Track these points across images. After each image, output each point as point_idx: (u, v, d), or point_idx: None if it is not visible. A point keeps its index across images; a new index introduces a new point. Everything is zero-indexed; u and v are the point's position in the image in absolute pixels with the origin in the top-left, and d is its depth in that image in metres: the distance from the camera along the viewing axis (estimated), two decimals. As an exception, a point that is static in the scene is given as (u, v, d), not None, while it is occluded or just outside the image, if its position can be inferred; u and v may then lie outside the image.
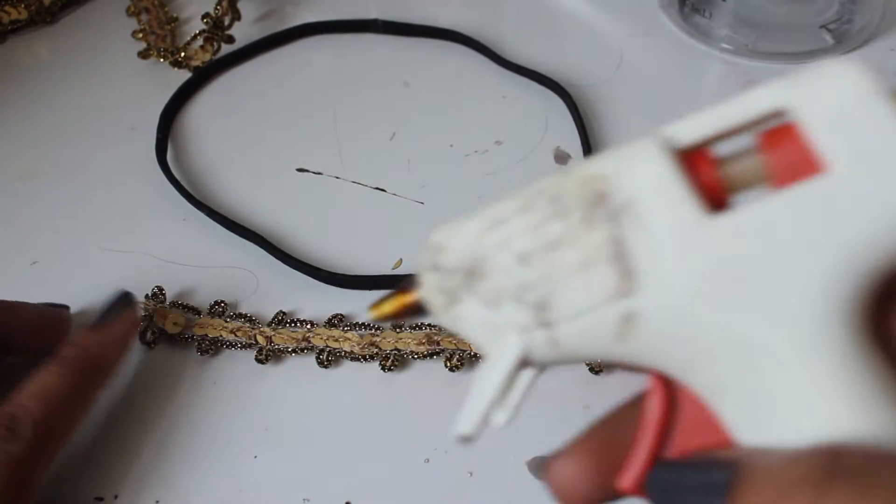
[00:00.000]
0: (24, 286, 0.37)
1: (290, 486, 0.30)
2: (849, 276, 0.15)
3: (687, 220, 0.16)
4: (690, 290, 0.15)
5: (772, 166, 0.16)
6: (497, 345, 0.18)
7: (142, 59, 0.48)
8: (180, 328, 0.34)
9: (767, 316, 0.15)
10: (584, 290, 0.16)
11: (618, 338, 0.16)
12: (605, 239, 0.16)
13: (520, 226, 0.17)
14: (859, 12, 0.47)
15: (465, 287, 0.18)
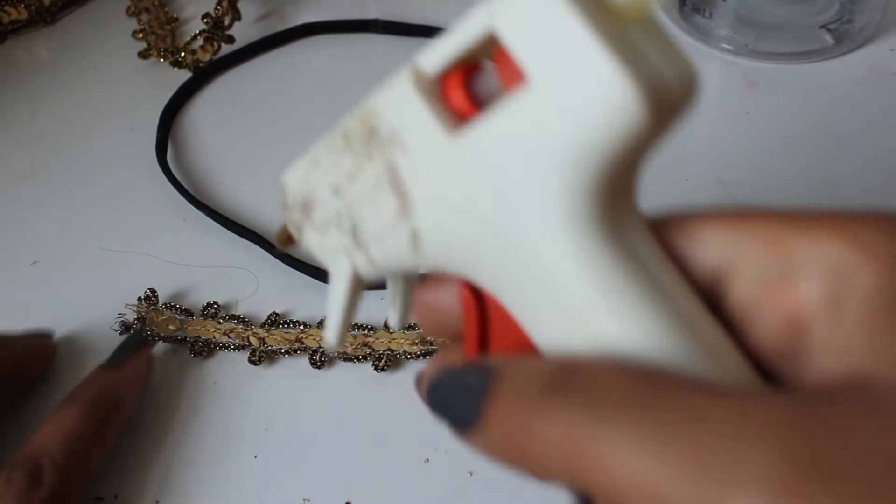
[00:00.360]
0: (24, 286, 0.38)
1: (291, 487, 0.30)
2: (572, 183, 0.15)
3: (435, 141, 0.17)
4: (448, 205, 0.17)
5: (502, 81, 0.16)
6: (335, 266, 0.20)
7: (142, 59, 0.48)
8: (174, 330, 0.34)
9: (518, 226, 0.16)
10: (377, 215, 0.18)
11: (413, 252, 0.18)
12: (382, 168, 0.18)
13: (327, 162, 0.20)
14: (859, 12, 0.47)
15: (304, 219, 0.21)
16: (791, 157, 0.41)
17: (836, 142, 0.42)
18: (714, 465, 0.13)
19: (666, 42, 0.16)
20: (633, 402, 0.14)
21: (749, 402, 0.13)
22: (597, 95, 0.14)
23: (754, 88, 0.45)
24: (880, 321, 0.14)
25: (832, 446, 0.12)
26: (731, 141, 0.42)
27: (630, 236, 0.16)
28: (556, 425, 0.14)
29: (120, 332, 0.35)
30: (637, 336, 0.15)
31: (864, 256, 0.15)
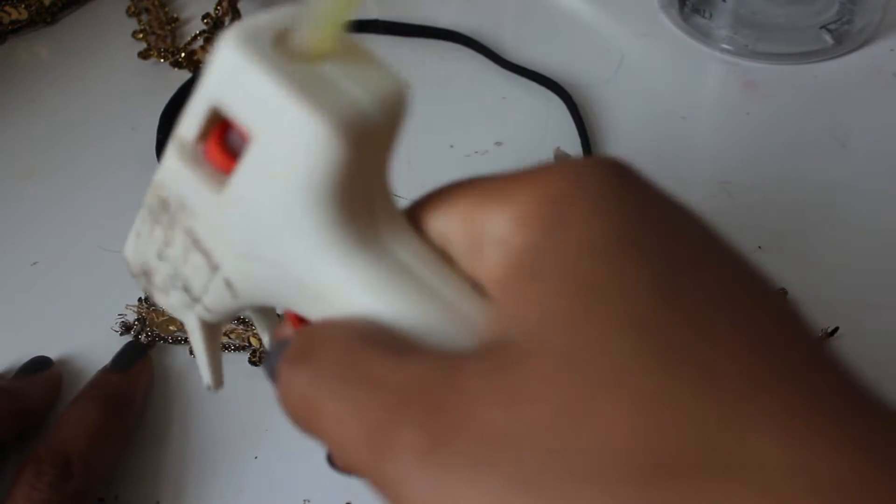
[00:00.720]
0: (24, 287, 0.38)
1: (291, 487, 0.30)
2: (314, 214, 0.17)
3: (208, 200, 0.19)
4: (236, 253, 0.19)
5: (241, 136, 0.18)
6: (185, 319, 0.23)
7: (142, 59, 0.48)
8: (175, 330, 0.34)
9: (287, 259, 0.18)
10: (196, 273, 0.21)
11: (234, 298, 0.20)
12: (183, 233, 0.20)
13: (146, 234, 0.22)
14: (859, 13, 0.47)
15: (149, 285, 0.23)
16: (791, 158, 0.41)
17: (836, 142, 0.42)
18: (376, 426, 0.15)
19: (369, 62, 0.18)
20: (342, 364, 0.16)
21: (408, 366, 0.15)
22: (296, 139, 0.16)
23: (754, 89, 0.45)
24: (513, 286, 0.16)
25: (442, 413, 0.14)
26: (730, 141, 0.42)
27: (383, 233, 0.18)
28: (296, 388, 0.17)
29: (120, 332, 0.35)
30: (385, 312, 0.17)
31: (517, 225, 0.16)
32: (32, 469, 0.27)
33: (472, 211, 0.18)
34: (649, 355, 0.13)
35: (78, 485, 0.27)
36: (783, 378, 0.13)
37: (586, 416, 0.13)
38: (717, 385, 0.13)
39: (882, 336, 0.34)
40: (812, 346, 0.14)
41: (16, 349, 0.34)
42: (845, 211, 0.38)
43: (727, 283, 0.15)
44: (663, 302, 0.14)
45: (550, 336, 0.14)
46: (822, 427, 0.13)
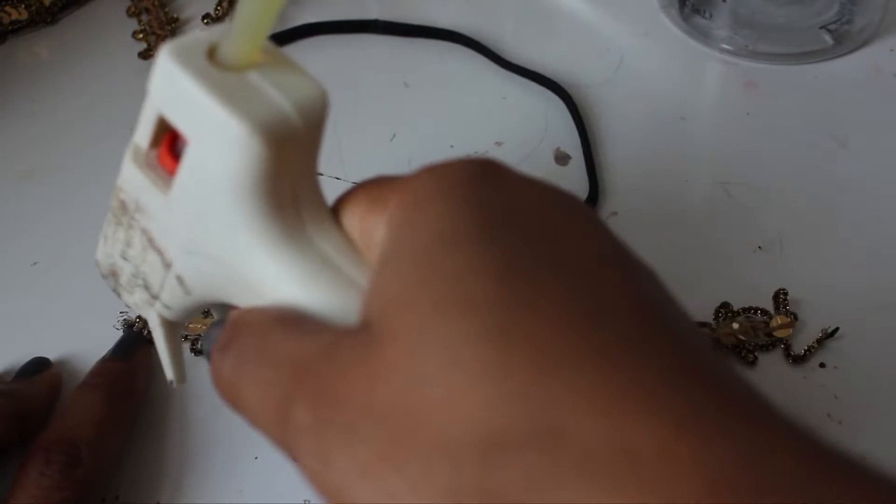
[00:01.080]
0: (24, 287, 0.38)
1: (291, 487, 0.30)
2: (244, 209, 0.19)
3: (159, 201, 0.21)
4: (184, 249, 0.21)
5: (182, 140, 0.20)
6: (147, 316, 0.24)
7: (142, 59, 0.48)
8: (179, 328, 0.34)
9: (224, 252, 0.20)
10: (152, 270, 0.22)
11: (186, 294, 0.22)
12: (140, 232, 0.22)
13: (111, 235, 0.24)
14: (859, 13, 0.47)
15: (116, 285, 0.24)
16: (791, 158, 0.41)
17: (836, 142, 0.42)
18: (279, 404, 0.16)
19: (291, 70, 0.20)
20: (257, 348, 0.18)
21: (306, 343, 0.17)
22: (222, 141, 0.18)
23: (754, 89, 0.45)
24: (374, 275, 0.17)
25: (322, 390, 0.16)
26: (730, 141, 0.42)
27: (308, 227, 0.20)
28: (223, 373, 0.18)
29: (123, 330, 0.35)
30: (306, 299, 0.19)
31: (387, 228, 0.18)
32: (41, 457, 0.27)
33: (362, 215, 0.20)
34: (482, 334, 0.14)
35: (87, 471, 0.28)
36: (609, 354, 0.14)
37: (427, 394, 0.14)
38: (544, 362, 0.14)
39: (882, 336, 0.34)
40: (654, 324, 0.15)
41: (16, 349, 0.34)
42: (845, 211, 0.38)
43: (570, 264, 0.16)
44: (500, 283, 0.15)
45: (396, 318, 0.16)
46: (636, 401, 0.13)
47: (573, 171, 0.41)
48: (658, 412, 0.13)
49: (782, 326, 0.33)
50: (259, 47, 0.19)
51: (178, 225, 0.20)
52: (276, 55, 0.20)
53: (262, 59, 0.19)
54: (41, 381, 0.32)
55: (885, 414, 0.31)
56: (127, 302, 0.25)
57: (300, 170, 0.20)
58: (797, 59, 0.46)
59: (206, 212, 0.19)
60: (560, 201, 0.18)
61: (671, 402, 0.13)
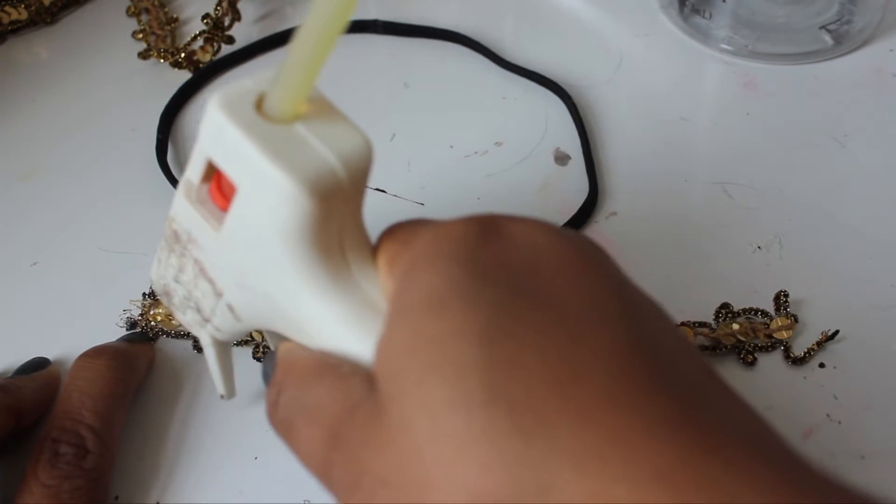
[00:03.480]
0: (24, 287, 0.38)
1: (291, 488, 0.30)
2: (291, 254, 0.19)
3: (210, 235, 0.21)
4: (235, 282, 0.21)
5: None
6: (199, 335, 0.25)
7: (142, 59, 0.48)
8: (178, 325, 0.34)
9: (274, 290, 0.21)
10: (204, 297, 0.23)
11: (236, 321, 0.23)
12: (192, 262, 0.23)
13: (164, 260, 0.24)
14: (859, 13, 0.47)
15: (169, 303, 0.25)
16: (791, 158, 0.41)
17: (836, 142, 0.42)
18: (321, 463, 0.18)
19: (337, 120, 0.20)
20: (299, 400, 0.19)
21: (338, 401, 0.18)
22: (270, 194, 0.19)
23: (754, 89, 0.45)
24: (381, 335, 0.18)
25: (351, 456, 0.17)
26: (730, 142, 0.42)
27: (354, 271, 0.21)
28: (275, 411, 0.20)
29: (126, 328, 0.35)
30: (350, 342, 0.20)
31: (394, 285, 0.19)
32: (50, 449, 0.28)
33: (385, 269, 0.20)
34: (467, 402, 0.15)
35: (96, 459, 0.28)
36: (590, 413, 0.14)
37: (424, 462, 0.15)
38: (528, 425, 0.14)
39: (882, 337, 0.34)
40: (643, 372, 0.15)
41: (16, 349, 0.34)
42: (845, 211, 0.38)
43: (559, 315, 0.16)
44: (482, 347, 0.16)
45: (391, 384, 0.16)
46: (618, 459, 0.14)
47: (573, 171, 0.41)
48: (637, 468, 0.14)
49: (782, 328, 0.33)
50: (305, 99, 0.19)
51: (228, 260, 0.21)
52: (322, 104, 0.20)
53: (309, 109, 0.20)
54: (39, 377, 0.32)
55: (884, 414, 0.31)
56: (180, 320, 0.25)
57: (346, 217, 0.20)
58: (797, 59, 0.46)
59: (256, 253, 0.20)
60: (558, 247, 0.18)
61: (650, 456, 0.14)
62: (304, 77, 0.19)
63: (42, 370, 0.33)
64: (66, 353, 0.34)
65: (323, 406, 0.18)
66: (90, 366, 0.30)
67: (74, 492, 0.27)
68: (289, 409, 0.20)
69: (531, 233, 0.19)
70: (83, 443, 0.28)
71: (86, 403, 0.29)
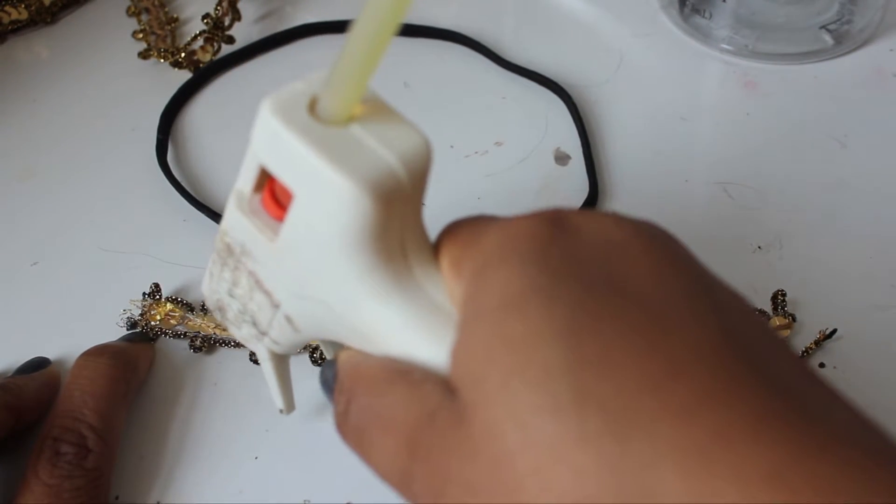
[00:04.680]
0: (24, 287, 0.38)
1: (291, 487, 0.30)
2: (351, 260, 0.19)
3: (265, 246, 0.21)
4: (292, 292, 0.21)
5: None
6: (256, 349, 0.24)
7: (142, 59, 0.48)
8: (175, 325, 0.35)
9: (334, 299, 0.20)
10: (260, 310, 0.22)
11: (295, 332, 0.22)
12: (246, 275, 0.22)
13: (217, 274, 0.24)
14: (859, 13, 0.47)
15: (223, 318, 0.25)
16: (791, 158, 0.41)
17: (836, 142, 0.42)
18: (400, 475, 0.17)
19: (393, 120, 0.20)
20: (370, 408, 0.19)
21: (412, 407, 0.18)
22: (330, 199, 0.18)
23: (754, 89, 0.45)
24: (456, 337, 0.17)
25: (433, 465, 0.17)
26: (730, 142, 0.42)
27: (416, 274, 0.20)
28: (344, 421, 0.19)
29: (127, 328, 0.35)
30: (417, 347, 0.19)
31: (463, 288, 0.18)
32: (50, 448, 0.28)
33: (449, 271, 0.20)
34: (555, 406, 0.14)
35: (97, 458, 0.28)
36: (689, 411, 0.14)
37: (515, 469, 0.14)
38: (622, 426, 0.14)
39: (882, 338, 0.34)
40: (739, 368, 0.15)
41: (16, 349, 0.34)
42: (845, 211, 0.38)
43: (642, 312, 0.16)
44: (567, 348, 0.15)
45: (474, 391, 0.16)
46: (724, 458, 0.13)
47: (573, 171, 0.41)
48: (746, 467, 0.13)
49: (781, 328, 0.33)
50: (360, 99, 0.19)
51: (285, 271, 0.21)
52: (376, 104, 0.20)
53: (364, 110, 0.19)
54: (39, 376, 0.32)
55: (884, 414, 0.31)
56: (235, 335, 0.25)
57: (407, 219, 0.20)
58: (797, 59, 0.46)
59: (315, 262, 0.20)
60: (631, 238, 0.18)
61: (759, 456, 0.13)
62: (358, 77, 0.18)
63: (42, 370, 0.33)
64: (66, 353, 0.34)
65: (398, 414, 0.18)
66: (91, 365, 0.30)
67: (75, 491, 0.27)
68: (361, 419, 0.19)
69: (601, 226, 0.18)
70: (84, 442, 0.28)
71: (87, 402, 0.29)
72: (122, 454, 0.31)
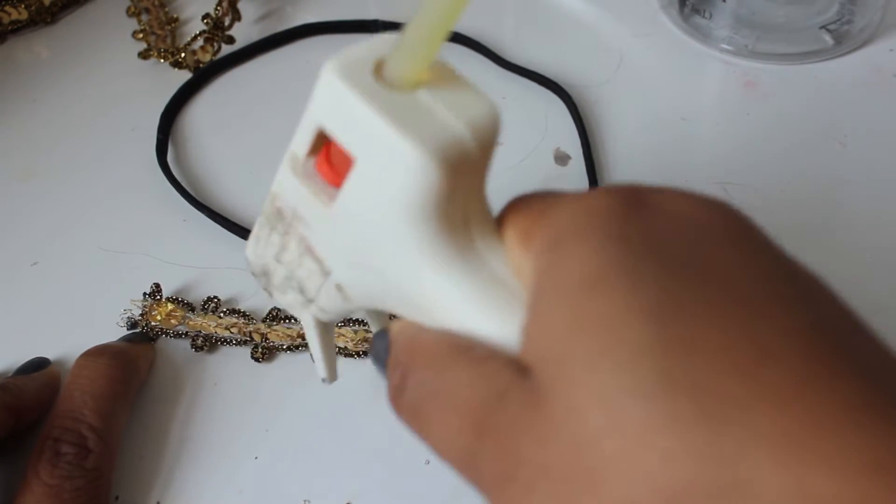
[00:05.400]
0: (24, 287, 0.38)
1: (291, 487, 0.30)
2: (414, 228, 0.18)
3: (319, 211, 0.20)
4: (345, 260, 0.20)
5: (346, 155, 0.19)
6: (301, 316, 0.24)
7: (142, 59, 0.48)
8: (176, 324, 0.35)
9: (391, 268, 0.19)
10: (309, 276, 0.22)
11: (345, 301, 0.21)
12: (297, 240, 0.21)
13: (264, 238, 0.23)
14: (859, 13, 0.47)
15: (268, 284, 0.24)
16: (791, 158, 0.41)
17: (836, 142, 0.42)
18: (464, 454, 0.17)
19: (462, 86, 0.19)
20: (433, 383, 0.18)
21: (478, 383, 0.17)
22: (395, 165, 0.17)
23: (754, 89, 0.45)
24: (529, 316, 0.17)
25: (502, 444, 0.16)
26: (730, 142, 0.42)
27: (478, 245, 0.19)
28: (401, 399, 0.18)
29: (127, 328, 0.35)
30: (476, 320, 0.18)
31: (533, 266, 0.18)
32: (51, 449, 0.28)
33: (513, 247, 0.19)
34: (644, 388, 0.14)
35: (97, 458, 0.28)
36: (783, 397, 0.13)
37: (599, 452, 0.14)
38: (715, 411, 0.13)
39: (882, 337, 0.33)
40: (833, 354, 0.14)
41: (16, 349, 0.34)
42: (845, 211, 0.38)
43: (728, 293, 0.15)
44: (654, 328, 0.14)
45: (554, 371, 0.15)
46: (821, 447, 0.12)
47: (573, 171, 0.41)
48: (846, 458, 0.12)
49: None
50: (429, 64, 0.18)
51: (340, 237, 0.20)
52: (444, 70, 0.19)
53: (431, 75, 0.18)
54: (39, 377, 0.32)
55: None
56: (279, 302, 0.24)
57: (472, 189, 0.19)
58: (797, 59, 0.46)
59: (373, 229, 0.19)
60: (712, 217, 0.17)
61: (860, 446, 0.12)
62: (430, 42, 0.18)
63: (42, 370, 0.33)
64: (66, 353, 0.34)
65: (461, 391, 0.17)
66: (92, 365, 0.30)
67: (75, 491, 0.27)
68: (418, 395, 0.18)
69: (679, 203, 0.17)
70: (85, 442, 0.28)
71: (87, 403, 0.29)
72: (122, 454, 0.31)
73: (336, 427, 0.32)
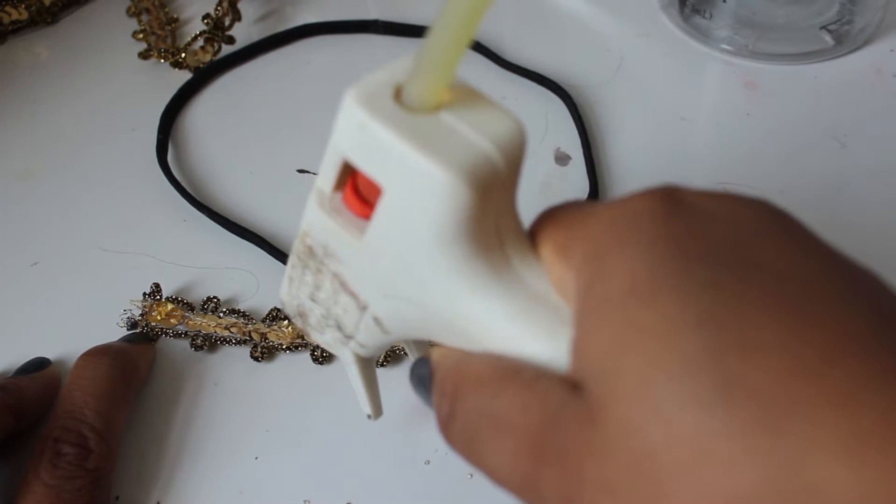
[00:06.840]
0: (24, 287, 0.38)
1: (291, 488, 0.30)
2: (447, 254, 0.18)
3: (350, 246, 0.20)
4: (381, 292, 0.20)
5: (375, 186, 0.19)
6: (341, 354, 0.24)
7: (142, 59, 0.48)
8: (177, 323, 0.35)
9: (425, 297, 0.19)
10: (346, 313, 0.22)
11: (383, 334, 0.21)
12: (330, 277, 0.21)
13: (297, 279, 0.23)
14: (859, 13, 0.47)
15: (304, 324, 0.24)
16: (791, 158, 0.41)
17: (836, 142, 0.42)
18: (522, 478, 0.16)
19: (484, 105, 0.18)
20: (483, 411, 0.17)
21: (531, 410, 0.16)
22: (424, 190, 0.17)
23: (754, 89, 0.45)
24: (577, 330, 0.17)
25: (562, 465, 0.16)
26: (730, 142, 0.42)
27: (514, 263, 0.19)
28: (452, 428, 0.18)
29: (127, 328, 0.35)
30: (520, 340, 0.18)
31: (577, 280, 0.17)
32: (52, 449, 0.28)
33: (552, 261, 0.19)
34: (701, 397, 0.13)
35: (98, 458, 0.28)
36: (848, 398, 0.13)
37: (660, 465, 0.14)
38: (776, 416, 0.13)
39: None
40: (883, 356, 0.14)
41: (16, 349, 0.34)
42: (845, 211, 0.38)
43: (780, 294, 0.14)
44: (707, 334, 0.14)
45: (607, 385, 0.15)
46: (890, 448, 0.12)
47: (573, 171, 0.41)
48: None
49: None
50: (448, 85, 0.18)
51: (373, 270, 0.20)
52: (463, 89, 0.19)
53: (452, 96, 0.18)
54: (39, 377, 0.32)
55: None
56: (318, 341, 0.24)
57: (502, 207, 0.19)
58: (797, 59, 0.46)
59: (407, 257, 0.19)
60: (754, 216, 0.17)
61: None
62: (447, 62, 0.17)
63: (42, 370, 0.33)
64: (66, 353, 0.34)
65: (514, 416, 0.17)
66: (92, 365, 0.30)
67: (76, 492, 0.27)
68: (471, 422, 0.18)
69: (721, 204, 0.17)
70: (85, 443, 0.28)
71: (88, 403, 0.29)
72: (122, 454, 0.31)
73: (336, 427, 0.32)
